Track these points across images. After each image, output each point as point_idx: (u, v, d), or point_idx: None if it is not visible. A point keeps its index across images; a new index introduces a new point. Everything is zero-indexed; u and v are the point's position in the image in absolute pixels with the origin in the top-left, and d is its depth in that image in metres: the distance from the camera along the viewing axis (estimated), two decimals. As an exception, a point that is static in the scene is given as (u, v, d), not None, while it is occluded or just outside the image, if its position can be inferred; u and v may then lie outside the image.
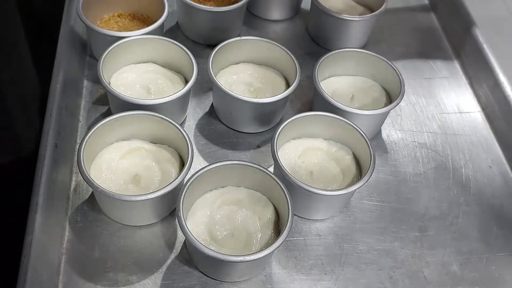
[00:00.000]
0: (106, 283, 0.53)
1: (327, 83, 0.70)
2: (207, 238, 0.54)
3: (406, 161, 0.68)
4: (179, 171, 0.58)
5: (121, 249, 0.56)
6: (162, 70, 0.68)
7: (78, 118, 0.67)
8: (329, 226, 0.61)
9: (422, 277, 0.58)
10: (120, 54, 0.66)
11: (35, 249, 0.50)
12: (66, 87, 0.65)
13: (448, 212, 0.64)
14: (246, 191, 0.58)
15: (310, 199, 0.58)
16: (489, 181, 0.68)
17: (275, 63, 0.70)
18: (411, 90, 0.77)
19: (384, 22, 0.86)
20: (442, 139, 0.72)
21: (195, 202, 0.57)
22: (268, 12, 0.83)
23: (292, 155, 0.62)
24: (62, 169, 0.59)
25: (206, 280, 0.55)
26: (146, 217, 0.57)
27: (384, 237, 0.61)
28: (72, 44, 0.71)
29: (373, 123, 0.68)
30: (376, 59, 0.70)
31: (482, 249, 0.61)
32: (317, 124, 0.63)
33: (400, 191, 0.65)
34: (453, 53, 0.84)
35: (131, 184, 0.57)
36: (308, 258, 0.58)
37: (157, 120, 0.59)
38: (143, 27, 0.69)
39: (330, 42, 0.79)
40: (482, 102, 0.77)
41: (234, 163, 0.56)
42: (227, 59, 0.69)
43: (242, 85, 0.68)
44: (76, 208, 0.59)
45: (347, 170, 0.61)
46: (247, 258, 0.49)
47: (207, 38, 0.77)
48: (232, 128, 0.69)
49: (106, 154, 0.59)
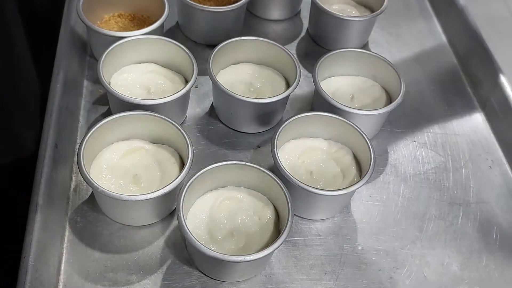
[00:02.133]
0: (106, 283, 0.53)
1: (327, 83, 0.70)
2: (207, 238, 0.54)
3: (406, 161, 0.68)
4: (179, 171, 0.58)
5: (121, 249, 0.56)
6: (162, 70, 0.68)
7: (78, 118, 0.67)
8: (329, 226, 0.61)
9: (422, 277, 0.58)
10: (120, 54, 0.66)
11: (35, 249, 0.50)
12: (66, 87, 0.65)
13: (448, 212, 0.64)
14: (246, 191, 0.58)
15: (310, 199, 0.58)
16: (489, 181, 0.68)
17: (275, 63, 0.70)
18: (411, 90, 0.77)
19: (384, 22, 0.86)
20: (442, 139, 0.72)
21: (195, 202, 0.57)
22: (268, 12, 0.83)
23: (292, 155, 0.62)
24: (62, 169, 0.59)
25: (206, 280, 0.55)
26: (146, 217, 0.57)
27: (384, 237, 0.61)
28: (72, 44, 0.71)
29: (373, 123, 0.68)
30: (376, 59, 0.70)
31: (482, 249, 0.61)
32: (317, 124, 0.63)
33: (400, 191, 0.65)
34: (453, 53, 0.84)
35: (131, 184, 0.57)
36: (308, 258, 0.58)
37: (157, 120, 0.59)
38: (143, 27, 0.69)
39: (330, 42, 0.79)
40: (482, 102, 0.77)
41: (234, 163, 0.56)
42: (227, 59, 0.69)
43: (242, 85, 0.68)
44: (76, 208, 0.59)
45: (347, 170, 0.61)
46: (247, 258, 0.49)
47: (207, 38, 0.77)
48: (232, 128, 0.69)
49: (106, 154, 0.59)
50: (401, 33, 0.86)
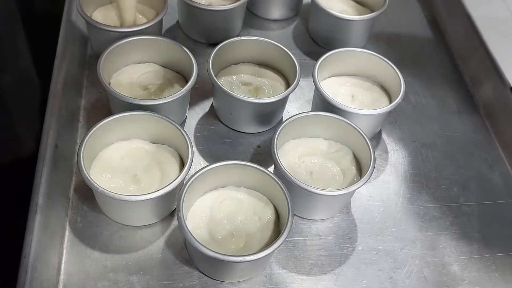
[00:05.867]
0: (106, 283, 0.53)
1: (327, 83, 0.70)
2: (207, 238, 0.54)
3: (406, 161, 0.68)
4: (179, 171, 0.58)
5: (121, 249, 0.56)
6: (162, 70, 0.68)
7: (78, 118, 0.67)
8: (329, 226, 0.61)
9: (422, 277, 0.58)
10: (120, 54, 0.66)
11: (35, 249, 0.50)
12: (66, 87, 0.65)
13: (448, 212, 0.64)
14: (246, 191, 0.58)
15: (310, 199, 0.58)
16: (489, 181, 0.68)
17: (275, 63, 0.70)
18: (411, 90, 0.77)
19: (384, 22, 0.86)
20: (442, 139, 0.72)
21: (195, 202, 0.57)
22: (268, 11, 0.83)
23: (292, 155, 0.62)
24: (62, 169, 0.59)
25: (206, 280, 0.55)
26: (146, 217, 0.57)
27: (384, 237, 0.61)
28: (72, 44, 0.71)
29: (373, 123, 0.68)
30: (376, 59, 0.70)
31: (482, 249, 0.61)
32: (317, 124, 0.63)
33: (400, 191, 0.65)
34: (453, 53, 0.84)
35: (131, 184, 0.57)
36: (308, 258, 0.58)
37: (157, 120, 0.59)
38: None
39: (330, 42, 0.79)
40: (482, 102, 0.77)
41: (234, 163, 0.56)
42: (227, 59, 0.69)
43: (242, 85, 0.68)
44: (76, 208, 0.59)
45: (347, 170, 0.61)
46: (247, 258, 0.49)
47: (208, 37, 0.77)
48: (232, 128, 0.69)
49: (106, 154, 0.59)
50: (401, 33, 0.86)
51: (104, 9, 0.74)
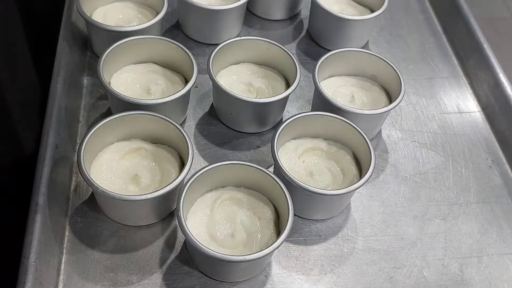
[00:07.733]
0: (106, 283, 0.53)
1: (327, 83, 0.70)
2: (207, 238, 0.54)
3: (406, 161, 0.68)
4: (179, 171, 0.58)
5: (121, 249, 0.56)
6: (162, 70, 0.68)
7: (78, 118, 0.67)
8: (329, 226, 0.61)
9: (422, 277, 0.58)
10: (120, 54, 0.66)
11: (35, 249, 0.50)
12: (66, 87, 0.65)
13: (448, 212, 0.64)
14: (246, 191, 0.58)
15: (310, 199, 0.58)
16: (489, 181, 0.68)
17: (275, 63, 0.70)
18: (411, 90, 0.77)
19: (384, 22, 0.86)
20: (442, 139, 0.72)
21: (195, 202, 0.57)
22: (268, 12, 0.83)
23: (292, 155, 0.62)
24: (62, 169, 0.59)
25: (206, 280, 0.55)
26: (146, 217, 0.57)
27: (384, 237, 0.61)
28: (72, 44, 0.71)
29: (373, 123, 0.68)
30: (376, 59, 0.70)
31: (482, 249, 0.61)
32: (317, 124, 0.63)
33: (400, 191, 0.65)
34: (453, 53, 0.84)
35: (131, 184, 0.57)
36: (308, 258, 0.58)
37: (157, 120, 0.59)
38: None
39: (330, 42, 0.79)
40: (482, 102, 0.77)
41: (234, 163, 0.56)
42: (227, 59, 0.69)
43: (242, 85, 0.68)
44: (76, 208, 0.59)
45: (347, 170, 0.61)
46: (247, 258, 0.49)
47: (208, 37, 0.77)
48: (232, 128, 0.69)
49: (106, 154, 0.59)
50: (401, 33, 0.86)
51: (104, 9, 0.74)
